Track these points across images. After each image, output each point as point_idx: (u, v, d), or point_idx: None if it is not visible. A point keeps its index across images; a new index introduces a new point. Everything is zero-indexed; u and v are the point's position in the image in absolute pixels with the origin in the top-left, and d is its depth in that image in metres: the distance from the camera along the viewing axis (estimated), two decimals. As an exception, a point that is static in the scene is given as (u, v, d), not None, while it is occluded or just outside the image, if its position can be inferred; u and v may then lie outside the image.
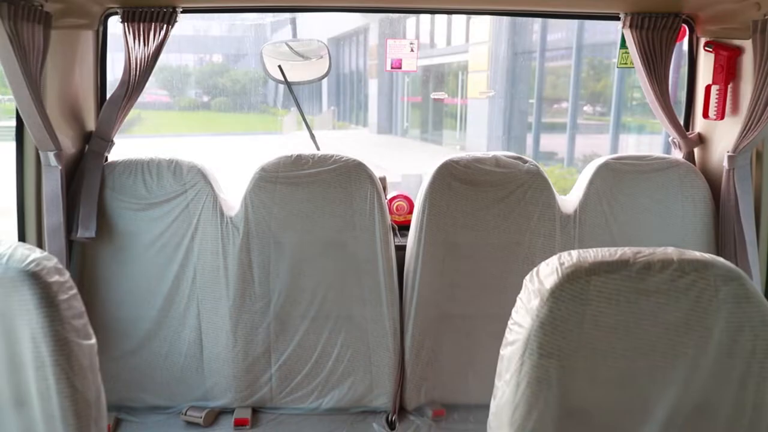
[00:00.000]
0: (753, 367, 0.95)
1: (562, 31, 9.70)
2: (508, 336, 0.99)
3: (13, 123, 1.67)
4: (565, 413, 0.96)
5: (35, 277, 0.92)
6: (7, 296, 0.92)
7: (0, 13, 1.35)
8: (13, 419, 0.96)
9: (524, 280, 0.99)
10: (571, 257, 0.96)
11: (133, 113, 1.91)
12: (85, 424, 0.97)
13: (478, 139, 10.59)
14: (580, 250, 0.98)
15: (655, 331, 0.95)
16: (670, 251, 0.97)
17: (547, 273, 0.96)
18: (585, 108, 10.24)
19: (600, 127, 9.85)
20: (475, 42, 12.31)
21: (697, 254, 0.97)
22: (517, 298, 1.00)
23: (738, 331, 0.95)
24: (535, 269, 0.99)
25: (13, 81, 1.47)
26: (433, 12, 3.69)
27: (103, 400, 1.02)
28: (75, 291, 0.98)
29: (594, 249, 0.98)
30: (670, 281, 0.94)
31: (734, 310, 0.94)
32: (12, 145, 1.71)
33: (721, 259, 0.96)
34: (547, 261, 0.98)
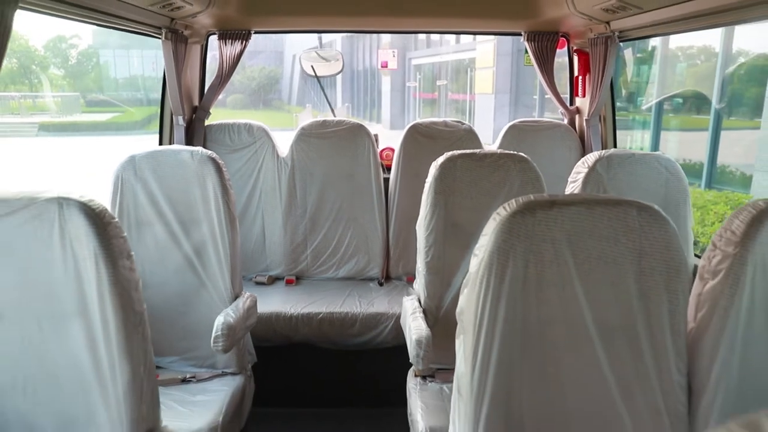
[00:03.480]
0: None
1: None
2: (424, 188, 2.34)
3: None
4: (449, 224, 2.32)
5: (215, 161, 2.29)
6: (201, 168, 2.30)
7: (170, 39, 2.74)
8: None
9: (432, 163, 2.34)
10: (452, 153, 2.31)
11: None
12: None
13: (485, 131, 12.08)
14: (458, 150, 2.33)
15: (487, 184, 2.32)
16: (497, 150, 2.32)
17: (440, 159, 2.31)
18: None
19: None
20: (481, 40, 13.66)
21: (507, 151, 2.31)
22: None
23: (525, 183, 2.31)
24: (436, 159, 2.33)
25: (169, 76, 2.88)
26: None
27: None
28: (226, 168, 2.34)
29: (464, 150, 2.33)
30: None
31: (521, 173, 2.31)
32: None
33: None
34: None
